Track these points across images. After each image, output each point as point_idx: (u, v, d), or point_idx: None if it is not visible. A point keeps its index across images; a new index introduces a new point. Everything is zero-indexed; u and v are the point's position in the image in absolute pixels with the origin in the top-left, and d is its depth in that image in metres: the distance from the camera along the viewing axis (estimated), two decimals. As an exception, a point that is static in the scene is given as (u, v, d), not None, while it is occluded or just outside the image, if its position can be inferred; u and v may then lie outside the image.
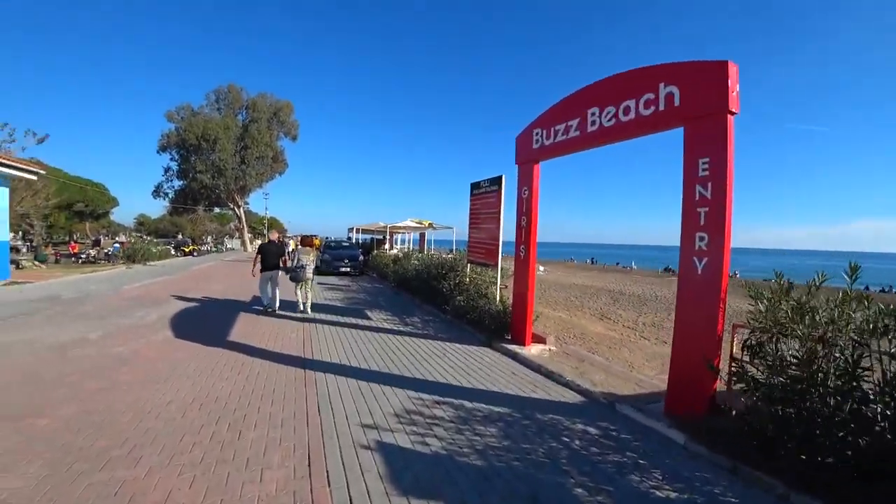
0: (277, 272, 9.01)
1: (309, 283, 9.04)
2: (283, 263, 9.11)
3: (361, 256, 18.61)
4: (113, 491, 2.65)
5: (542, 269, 34.90)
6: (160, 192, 42.18)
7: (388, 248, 24.52)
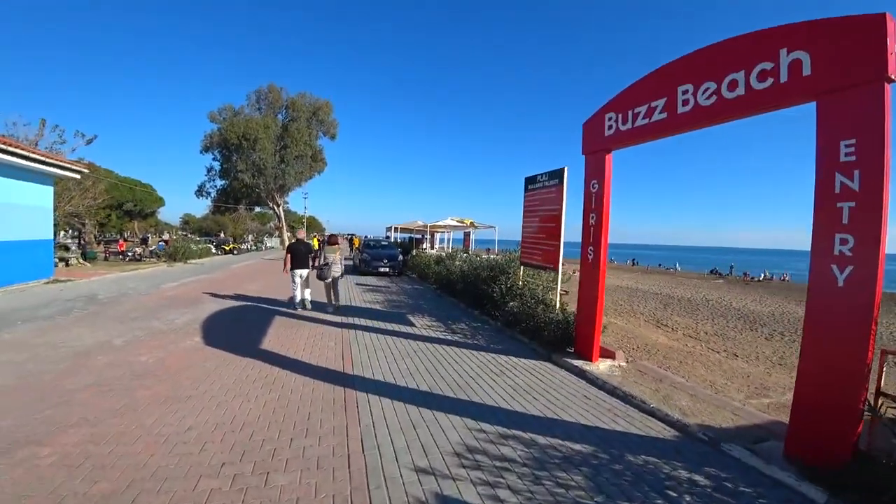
0: (307, 270, 9.09)
1: (337, 280, 8.99)
2: (313, 262, 9.22)
3: (401, 256, 18.01)
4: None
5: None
6: (203, 191, 43.15)
7: (428, 247, 23.89)
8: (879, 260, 2.91)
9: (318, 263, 9.06)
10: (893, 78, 2.92)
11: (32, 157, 11.13)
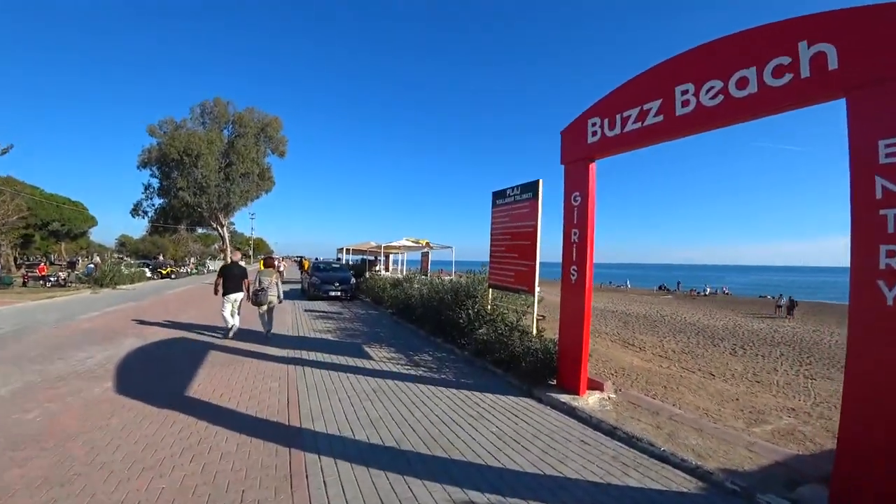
0: (241, 295, 8.42)
1: (272, 306, 8.34)
2: (246, 286, 8.44)
3: (353, 279, 16.88)
4: None
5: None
6: (139, 210, 39.78)
7: (382, 269, 22.84)
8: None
9: (252, 288, 8.14)
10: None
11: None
